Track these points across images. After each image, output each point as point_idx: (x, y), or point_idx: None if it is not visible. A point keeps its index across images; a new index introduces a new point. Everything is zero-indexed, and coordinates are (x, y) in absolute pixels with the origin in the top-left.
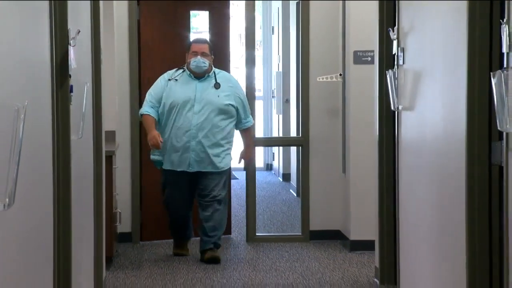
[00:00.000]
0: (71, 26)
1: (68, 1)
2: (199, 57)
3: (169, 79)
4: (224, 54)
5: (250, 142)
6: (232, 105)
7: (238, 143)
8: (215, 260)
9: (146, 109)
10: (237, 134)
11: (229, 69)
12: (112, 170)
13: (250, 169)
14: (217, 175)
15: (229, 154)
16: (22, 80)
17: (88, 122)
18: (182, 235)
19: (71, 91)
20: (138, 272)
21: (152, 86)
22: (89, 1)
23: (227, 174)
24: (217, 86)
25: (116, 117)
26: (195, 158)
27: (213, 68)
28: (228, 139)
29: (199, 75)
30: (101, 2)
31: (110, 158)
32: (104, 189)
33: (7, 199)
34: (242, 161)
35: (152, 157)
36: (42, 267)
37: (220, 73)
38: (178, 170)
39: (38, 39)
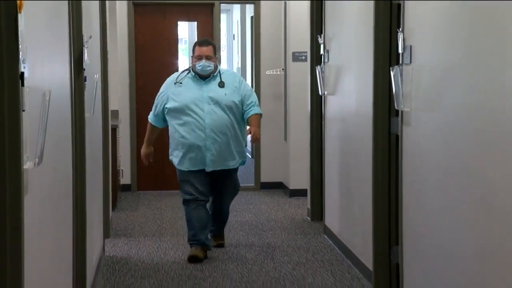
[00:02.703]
0: (85, 32)
1: (82, 12)
2: (203, 61)
3: (175, 82)
4: None
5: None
6: (240, 101)
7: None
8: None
9: (151, 117)
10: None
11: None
12: (116, 139)
13: None
14: (231, 171)
15: (243, 151)
16: (49, 71)
17: (98, 103)
18: (200, 239)
19: (85, 80)
20: (135, 213)
21: (160, 90)
22: (98, 12)
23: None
24: (221, 84)
25: (119, 100)
26: (211, 157)
27: (219, 67)
28: (240, 135)
29: (205, 76)
30: (107, 10)
31: (114, 130)
32: (110, 152)
33: (36, 159)
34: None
35: (170, 158)
36: (64, 208)
37: (225, 72)
38: (195, 169)
39: (61, 44)
